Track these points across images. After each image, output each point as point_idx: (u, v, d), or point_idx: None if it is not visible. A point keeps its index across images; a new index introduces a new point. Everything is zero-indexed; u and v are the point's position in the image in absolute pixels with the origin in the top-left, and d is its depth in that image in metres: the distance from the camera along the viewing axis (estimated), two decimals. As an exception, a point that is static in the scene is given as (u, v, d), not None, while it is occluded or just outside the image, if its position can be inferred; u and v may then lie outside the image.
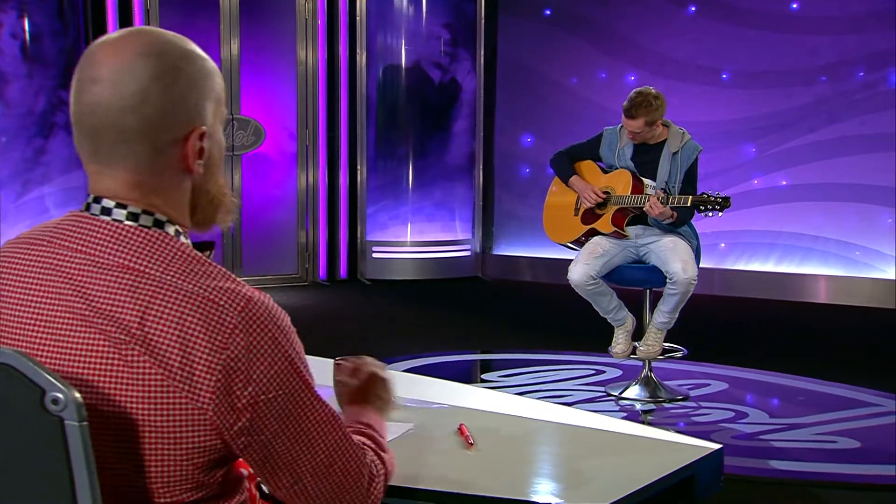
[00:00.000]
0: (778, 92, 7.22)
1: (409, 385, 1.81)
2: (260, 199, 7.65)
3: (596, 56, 7.94)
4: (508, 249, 8.49)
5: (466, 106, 8.29)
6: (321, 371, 1.27)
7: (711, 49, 7.47)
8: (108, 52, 1.10)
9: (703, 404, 4.16)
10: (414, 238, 8.20)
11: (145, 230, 1.11)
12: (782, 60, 7.20)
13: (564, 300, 4.17)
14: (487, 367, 5.08)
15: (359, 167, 8.08)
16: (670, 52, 7.60)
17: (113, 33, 1.13)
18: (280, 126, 7.73)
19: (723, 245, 7.46)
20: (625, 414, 4.04)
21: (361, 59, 8.00)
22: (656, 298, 4.17)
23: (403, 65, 8.04)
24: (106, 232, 1.10)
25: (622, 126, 4.22)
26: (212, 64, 1.17)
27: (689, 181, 4.08)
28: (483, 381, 4.62)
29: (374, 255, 8.15)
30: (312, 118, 7.82)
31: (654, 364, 4.30)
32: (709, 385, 4.48)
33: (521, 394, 4.26)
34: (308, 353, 1.15)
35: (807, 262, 7.14)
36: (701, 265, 4.08)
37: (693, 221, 4.21)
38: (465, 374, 4.84)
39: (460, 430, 1.65)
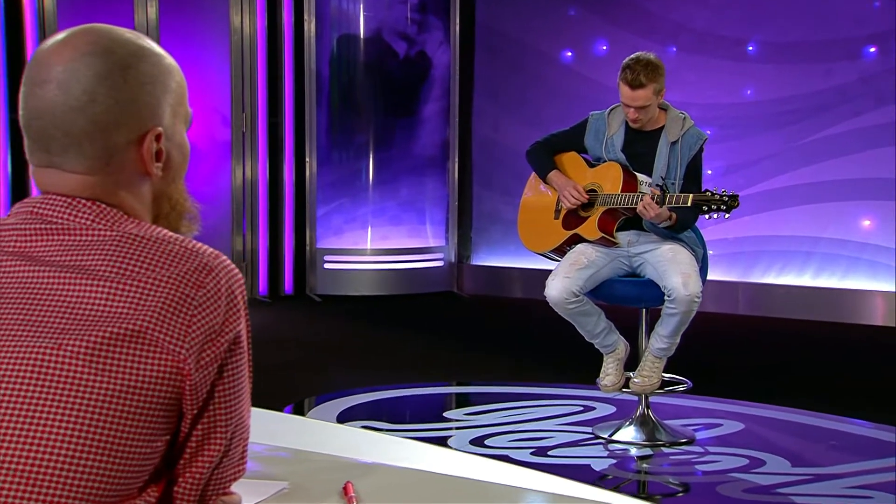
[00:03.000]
0: (815, 68, 7.24)
1: (298, 430, 1.78)
2: None
3: (596, 24, 7.94)
4: (489, 259, 8.47)
5: (438, 85, 8.28)
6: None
7: (735, 15, 7.48)
8: (54, 52, 1.24)
9: (711, 449, 4.14)
10: (375, 245, 8.18)
11: None
12: (821, 28, 7.21)
13: (557, 321, 4.16)
14: (463, 401, 5.11)
15: (307, 159, 8.06)
16: (686, 19, 7.61)
17: (60, 33, 1.27)
18: (210, 109, 7.70)
19: (748, 255, 7.46)
20: (614, 461, 4.02)
21: (310, 27, 7.98)
22: (654, 319, 4.16)
23: (361, 34, 8.03)
24: None
25: (612, 110, 4.20)
26: (169, 61, 1.30)
27: (692, 176, 4.06)
28: (444, 419, 4.59)
29: (327, 265, 8.13)
30: (250, 99, 7.80)
31: (651, 400, 4.28)
32: (720, 425, 4.46)
33: (487, 435, 4.24)
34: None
35: (852, 275, 7.15)
36: (723, 279, 4.08)
37: (699, 225, 4.20)
38: (429, 411, 4.84)
39: (345, 490, 1.62)
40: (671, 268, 3.97)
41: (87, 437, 1.15)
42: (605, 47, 7.90)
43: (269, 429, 1.93)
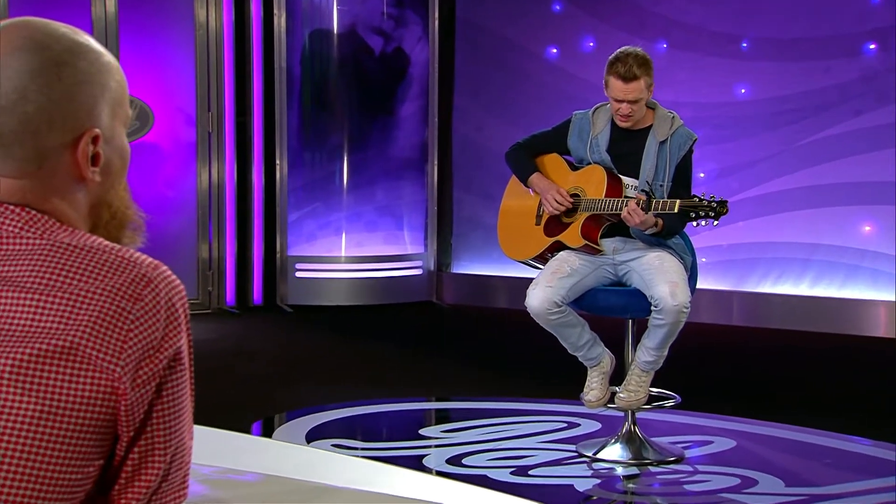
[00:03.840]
0: (813, 65, 7.26)
1: (262, 451, 1.77)
2: (147, 203, 7.33)
3: (582, 19, 7.95)
4: (470, 267, 8.47)
5: (417, 83, 8.28)
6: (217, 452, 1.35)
7: (729, 10, 7.51)
8: None
9: (700, 468, 4.14)
10: (350, 253, 8.18)
11: None
12: (819, 24, 7.24)
13: (541, 332, 4.16)
14: (441, 417, 5.11)
15: (278, 161, 8.05)
16: (677, 13, 7.63)
17: None
18: (174, 108, 7.69)
19: (743, 262, 7.47)
20: (598, 481, 4.02)
21: (280, 21, 7.98)
22: (640, 331, 4.16)
23: (335, 30, 8.03)
24: None
25: (596, 109, 4.21)
26: (108, 58, 1.29)
27: (681, 180, 4.07)
28: (420, 437, 4.58)
29: (298, 274, 8.12)
30: (217, 98, 7.79)
31: (638, 416, 4.27)
32: (711, 443, 4.46)
33: (465, 454, 4.23)
34: (210, 401, 1.35)
35: (852, 284, 7.17)
36: (717, 288, 4.08)
37: (688, 232, 4.21)
38: (404, 428, 4.84)
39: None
40: (658, 276, 3.97)
41: (12, 462, 1.13)
42: (591, 43, 7.91)
43: (230, 450, 1.92)
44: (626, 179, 4.11)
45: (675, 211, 3.84)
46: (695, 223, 3.88)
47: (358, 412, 5.00)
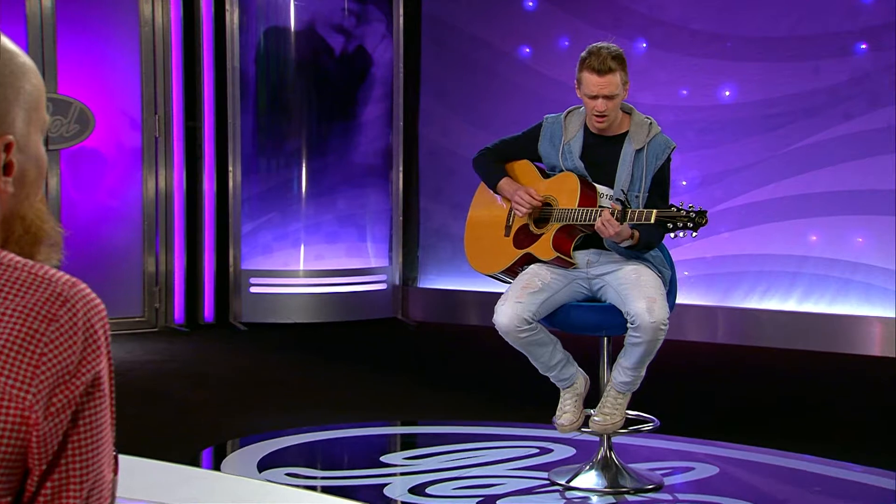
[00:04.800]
0: (801, 66, 7.31)
1: (208, 486, 1.75)
2: (88, 213, 7.57)
3: (556, 17, 7.98)
4: (438, 281, 8.48)
5: (380, 85, 8.29)
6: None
7: (713, 6, 7.55)
8: None
9: (681, 497, 4.15)
10: (309, 266, 8.16)
11: None
12: (809, 22, 7.29)
13: (513, 351, 4.16)
14: (406, 443, 5.11)
15: (230, 168, 8.03)
16: (656, 11, 7.67)
17: None
18: (117, 110, 7.66)
19: (727, 276, 7.50)
20: (572, 511, 4.02)
21: (233, 18, 7.97)
22: (616, 350, 4.16)
23: (292, 27, 8.04)
24: None
25: (569, 113, 4.22)
26: (23, 59, 1.27)
27: (658, 190, 4.08)
28: (382, 464, 4.56)
29: (253, 289, 8.10)
30: (164, 100, 7.76)
31: (614, 441, 4.27)
32: (692, 469, 4.47)
33: (430, 482, 4.22)
34: (156, 429, 1.33)
35: (843, 299, 7.21)
36: (700, 303, 4.09)
37: (667, 244, 4.22)
38: (366, 455, 4.81)
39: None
40: (635, 291, 3.98)
41: None
42: (566, 42, 7.93)
43: (168, 482, 1.91)
44: (600, 188, 4.11)
45: (652, 221, 3.85)
46: (672, 234, 3.89)
47: (316, 438, 4.98)
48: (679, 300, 4.32)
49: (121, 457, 1.32)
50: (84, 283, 1.23)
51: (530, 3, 8.13)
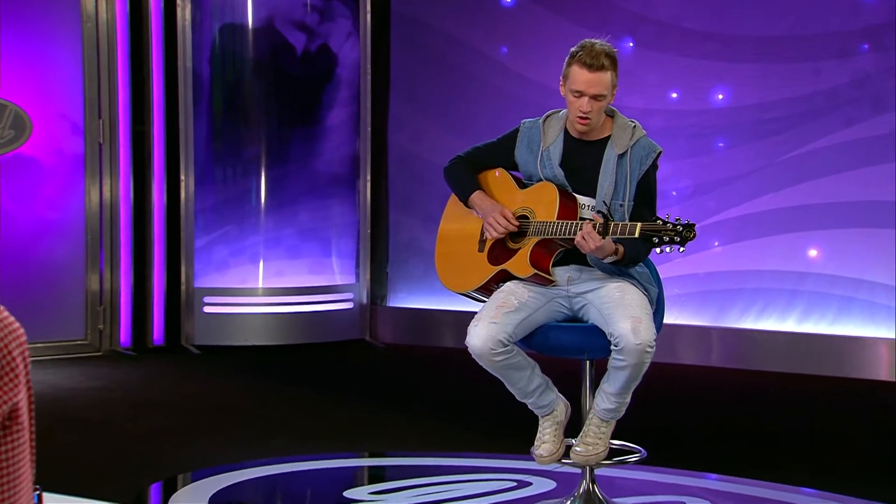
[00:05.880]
0: (800, 68, 7.34)
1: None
2: (25, 226, 7.55)
3: (537, 14, 8.00)
4: (409, 300, 8.48)
5: (346, 87, 8.30)
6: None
7: (706, 4, 7.58)
8: None
9: (670, 533, 4.15)
10: (268, 284, 8.16)
11: None
12: (808, 21, 7.33)
13: (490, 375, 4.14)
14: (374, 476, 5.11)
15: (182, 177, 8.02)
16: (646, 8, 7.70)
17: None
18: (56, 114, 7.65)
19: (721, 294, 7.52)
20: (551, 550, 4.01)
21: (185, 14, 7.97)
22: (599, 374, 4.15)
23: (250, 24, 8.04)
24: None
25: (548, 117, 4.21)
26: None
27: (644, 199, 4.08)
28: (345, 500, 4.55)
29: (207, 309, 8.09)
30: (108, 103, 7.75)
31: (597, 472, 4.25)
32: (682, 504, 4.48)
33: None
34: (98, 462, 1.31)
35: (844, 318, 7.23)
36: (692, 323, 4.09)
37: (653, 260, 4.22)
38: (328, 490, 4.81)
39: None
40: (618, 311, 3.97)
41: None
42: (548, 42, 7.94)
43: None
44: (581, 199, 4.10)
45: (636, 235, 3.85)
46: (658, 250, 3.88)
47: (275, 471, 4.97)
48: (670, 320, 4.32)
49: (54, 496, 1.31)
50: (2, 306, 1.21)
51: (508, 0, 8.14)
